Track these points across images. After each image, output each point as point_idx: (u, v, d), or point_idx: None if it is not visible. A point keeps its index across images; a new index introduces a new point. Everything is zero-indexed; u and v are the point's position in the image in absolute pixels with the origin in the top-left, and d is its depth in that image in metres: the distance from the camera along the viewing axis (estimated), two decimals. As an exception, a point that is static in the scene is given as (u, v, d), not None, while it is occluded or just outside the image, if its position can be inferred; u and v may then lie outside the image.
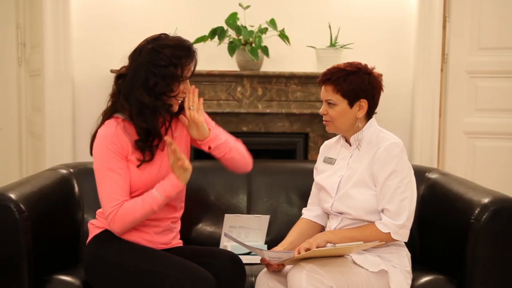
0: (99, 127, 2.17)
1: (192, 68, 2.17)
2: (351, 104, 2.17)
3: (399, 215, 2.11)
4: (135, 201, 2.11)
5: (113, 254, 2.12)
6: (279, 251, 2.14)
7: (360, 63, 2.21)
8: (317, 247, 2.07)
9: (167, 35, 2.19)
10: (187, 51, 2.14)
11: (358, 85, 2.15)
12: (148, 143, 2.14)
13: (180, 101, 2.19)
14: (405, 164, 2.15)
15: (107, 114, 2.19)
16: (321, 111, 2.22)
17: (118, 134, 2.13)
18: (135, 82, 2.12)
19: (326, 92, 2.19)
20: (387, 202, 2.12)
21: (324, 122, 2.25)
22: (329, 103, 2.19)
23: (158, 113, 2.12)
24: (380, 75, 2.23)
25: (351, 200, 2.17)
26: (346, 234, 2.15)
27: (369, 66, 2.22)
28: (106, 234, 2.18)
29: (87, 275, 2.20)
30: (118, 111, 2.17)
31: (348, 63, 2.21)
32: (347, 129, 2.22)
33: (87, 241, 2.24)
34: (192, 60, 2.15)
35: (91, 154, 2.18)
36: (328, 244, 2.17)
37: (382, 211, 2.14)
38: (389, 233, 2.11)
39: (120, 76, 2.19)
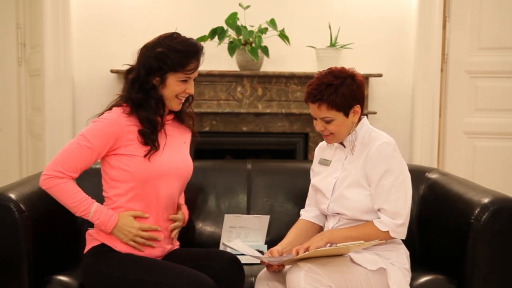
0: (102, 112, 2.19)
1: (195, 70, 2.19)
2: (347, 114, 2.17)
3: (397, 214, 2.12)
4: (73, 190, 2.11)
5: (111, 266, 2.10)
6: (279, 257, 2.14)
7: (340, 71, 2.18)
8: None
9: (179, 35, 2.20)
10: (193, 56, 2.16)
11: (349, 94, 2.14)
12: (153, 134, 2.16)
13: (182, 100, 2.22)
14: (398, 163, 2.16)
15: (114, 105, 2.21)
16: (318, 128, 2.20)
17: (119, 121, 2.14)
18: (136, 78, 2.17)
19: (320, 111, 2.16)
20: (383, 201, 2.13)
21: (324, 137, 2.24)
22: (325, 121, 2.17)
23: (152, 106, 2.16)
24: (360, 74, 2.22)
25: (347, 201, 2.18)
26: (345, 234, 2.16)
27: (346, 67, 2.20)
28: (104, 248, 2.16)
29: (86, 287, 2.19)
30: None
31: (328, 73, 2.17)
32: (347, 135, 2.22)
33: (85, 250, 2.22)
34: (196, 65, 2.17)
35: None
36: (328, 245, 2.18)
37: (379, 210, 2.15)
38: (388, 231, 2.12)
39: (130, 71, 2.21)
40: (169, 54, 2.12)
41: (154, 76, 2.15)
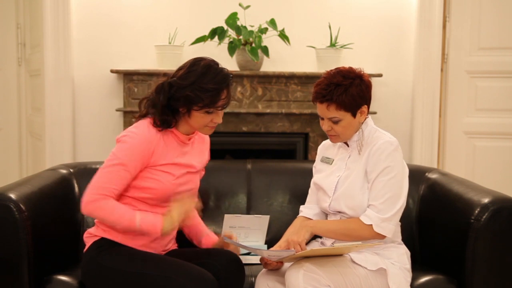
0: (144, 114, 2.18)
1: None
2: (354, 115, 2.17)
3: (383, 210, 2.11)
4: (116, 207, 2.07)
5: (113, 260, 2.11)
6: (280, 250, 2.14)
7: (348, 71, 2.17)
8: (305, 241, 2.12)
9: (214, 66, 2.14)
10: (222, 89, 2.11)
11: (358, 94, 2.14)
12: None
13: (214, 126, 2.20)
14: (397, 162, 2.16)
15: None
16: (325, 128, 2.20)
17: (158, 139, 2.13)
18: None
19: (328, 111, 2.15)
20: (373, 198, 2.13)
21: (329, 137, 2.24)
22: (333, 121, 2.17)
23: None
24: (367, 75, 2.22)
25: (349, 200, 2.18)
26: (329, 227, 2.17)
27: (354, 67, 2.20)
28: (104, 241, 2.16)
29: (86, 282, 2.18)
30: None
31: (336, 73, 2.16)
32: (353, 134, 2.23)
33: (85, 249, 2.21)
34: (225, 101, 2.14)
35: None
36: (318, 243, 2.20)
37: (369, 206, 2.14)
38: (371, 225, 2.10)
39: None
40: (201, 96, 2.09)
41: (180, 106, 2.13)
